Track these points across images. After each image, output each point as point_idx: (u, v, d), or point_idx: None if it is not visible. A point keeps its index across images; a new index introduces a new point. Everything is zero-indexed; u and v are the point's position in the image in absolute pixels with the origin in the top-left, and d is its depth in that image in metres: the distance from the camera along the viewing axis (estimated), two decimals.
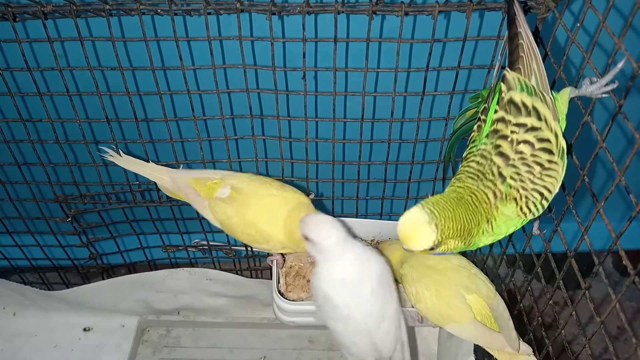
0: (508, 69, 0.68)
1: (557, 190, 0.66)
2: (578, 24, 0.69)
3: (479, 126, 0.71)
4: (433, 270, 0.85)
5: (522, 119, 0.65)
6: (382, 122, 0.97)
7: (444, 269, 0.85)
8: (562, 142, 0.65)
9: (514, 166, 0.65)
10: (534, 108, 0.64)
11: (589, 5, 0.67)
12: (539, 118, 0.64)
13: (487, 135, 0.68)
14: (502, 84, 0.67)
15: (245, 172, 0.98)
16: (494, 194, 0.66)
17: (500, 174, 0.65)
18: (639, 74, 0.56)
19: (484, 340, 0.81)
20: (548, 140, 0.64)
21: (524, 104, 0.65)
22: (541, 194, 0.65)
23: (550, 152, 0.64)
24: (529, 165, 0.64)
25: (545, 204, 0.66)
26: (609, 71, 0.63)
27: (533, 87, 0.66)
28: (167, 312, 1.25)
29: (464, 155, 0.73)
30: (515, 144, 0.65)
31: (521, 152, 0.64)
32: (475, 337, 0.82)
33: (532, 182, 0.64)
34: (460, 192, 0.68)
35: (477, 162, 0.68)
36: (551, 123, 0.64)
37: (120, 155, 0.97)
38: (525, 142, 0.64)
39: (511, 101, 0.66)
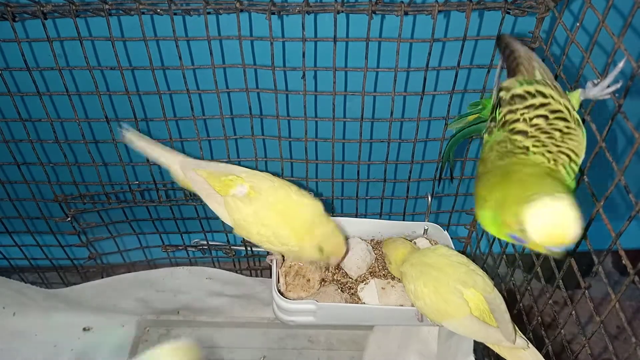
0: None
1: (583, 155, 0.63)
2: (578, 24, 0.69)
3: (489, 132, 0.70)
4: (432, 268, 0.85)
5: (529, 102, 0.65)
6: (381, 121, 0.97)
7: (442, 266, 0.86)
8: (576, 114, 0.64)
9: (533, 137, 0.63)
10: (538, 91, 0.64)
11: (588, 4, 0.67)
12: (545, 97, 0.64)
13: (498, 130, 0.68)
14: (502, 91, 0.68)
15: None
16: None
17: (523, 146, 0.64)
18: (638, 74, 0.56)
19: (481, 335, 0.81)
20: (560, 111, 0.63)
21: (527, 92, 0.65)
22: (568, 156, 0.62)
23: (565, 119, 0.63)
24: (547, 132, 0.63)
25: (575, 168, 0.62)
26: (610, 72, 0.63)
27: (534, 79, 0.66)
28: (166, 311, 1.24)
29: (480, 156, 0.72)
30: (528, 120, 0.64)
31: (536, 125, 0.64)
32: (471, 332, 0.82)
33: (556, 145, 0.62)
34: (515, 169, 0.62)
35: (497, 150, 0.66)
36: (559, 99, 0.64)
37: (140, 136, 0.90)
38: (538, 116, 0.64)
39: (514, 95, 0.66)
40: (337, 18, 0.77)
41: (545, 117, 0.63)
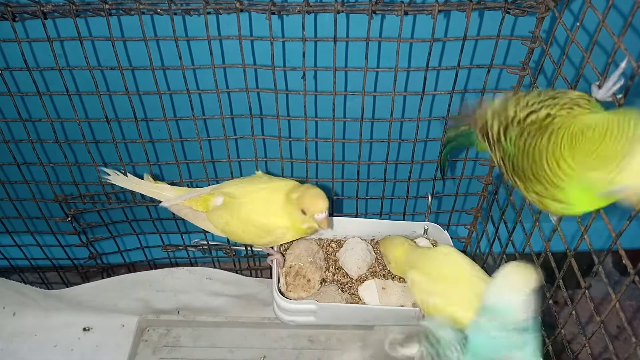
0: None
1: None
2: (578, 23, 0.69)
3: (500, 144, 0.66)
4: (448, 282, 0.84)
5: (513, 104, 0.64)
6: (381, 121, 0.97)
7: (458, 279, 0.84)
8: None
9: (541, 107, 0.61)
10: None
11: (588, 4, 0.67)
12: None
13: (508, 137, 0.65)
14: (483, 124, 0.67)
15: (245, 172, 0.98)
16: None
17: (545, 116, 0.60)
18: (639, 73, 0.56)
19: None
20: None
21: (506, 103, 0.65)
22: (582, 104, 0.58)
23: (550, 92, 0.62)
24: (549, 98, 0.61)
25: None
26: (610, 72, 0.63)
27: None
28: (167, 311, 1.24)
29: (510, 156, 0.65)
30: (528, 105, 0.62)
31: (533, 103, 0.62)
32: None
33: (564, 100, 0.60)
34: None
35: (526, 137, 0.61)
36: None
37: (126, 175, 0.98)
38: (528, 103, 0.62)
39: (493, 113, 0.65)
40: (337, 18, 0.77)
41: (536, 99, 0.62)
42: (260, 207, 0.89)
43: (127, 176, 0.98)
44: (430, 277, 0.85)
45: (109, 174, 0.97)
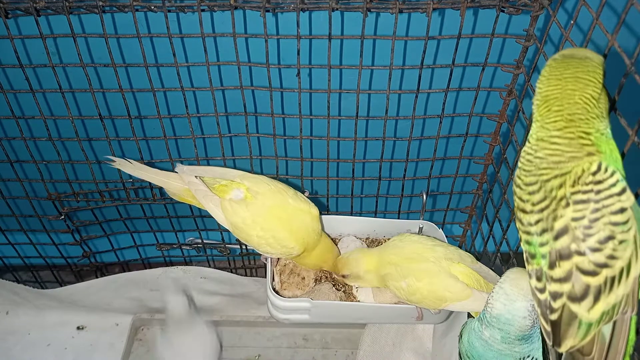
0: None
1: None
2: (572, 21, 0.69)
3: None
4: (414, 261, 0.87)
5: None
6: (376, 119, 0.97)
7: (423, 254, 0.87)
8: None
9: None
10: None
11: (582, 2, 0.67)
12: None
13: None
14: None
15: (241, 170, 0.98)
16: None
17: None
18: (631, 71, 0.56)
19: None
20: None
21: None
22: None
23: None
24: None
25: None
26: None
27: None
28: (161, 310, 1.24)
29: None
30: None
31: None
32: (479, 306, 0.83)
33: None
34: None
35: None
36: None
37: (130, 163, 0.95)
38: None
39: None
40: (331, 15, 0.77)
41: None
42: (284, 223, 0.89)
43: (131, 163, 0.94)
44: (398, 265, 0.87)
45: (116, 162, 0.94)
